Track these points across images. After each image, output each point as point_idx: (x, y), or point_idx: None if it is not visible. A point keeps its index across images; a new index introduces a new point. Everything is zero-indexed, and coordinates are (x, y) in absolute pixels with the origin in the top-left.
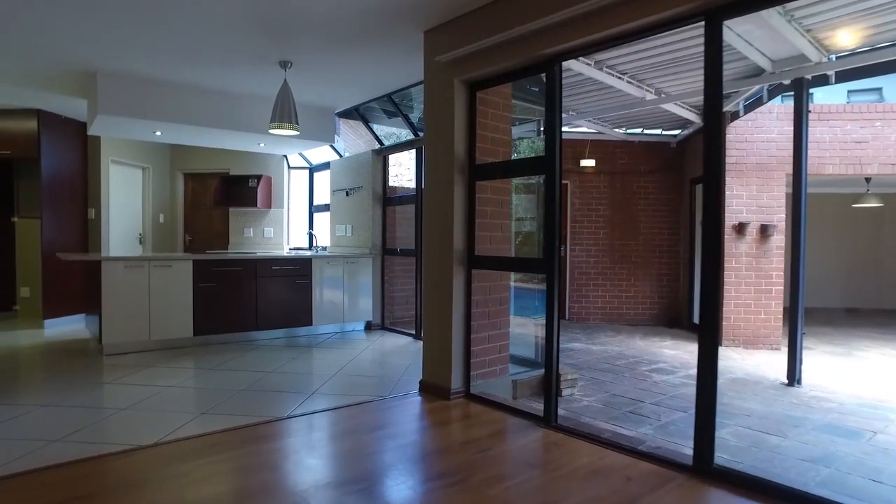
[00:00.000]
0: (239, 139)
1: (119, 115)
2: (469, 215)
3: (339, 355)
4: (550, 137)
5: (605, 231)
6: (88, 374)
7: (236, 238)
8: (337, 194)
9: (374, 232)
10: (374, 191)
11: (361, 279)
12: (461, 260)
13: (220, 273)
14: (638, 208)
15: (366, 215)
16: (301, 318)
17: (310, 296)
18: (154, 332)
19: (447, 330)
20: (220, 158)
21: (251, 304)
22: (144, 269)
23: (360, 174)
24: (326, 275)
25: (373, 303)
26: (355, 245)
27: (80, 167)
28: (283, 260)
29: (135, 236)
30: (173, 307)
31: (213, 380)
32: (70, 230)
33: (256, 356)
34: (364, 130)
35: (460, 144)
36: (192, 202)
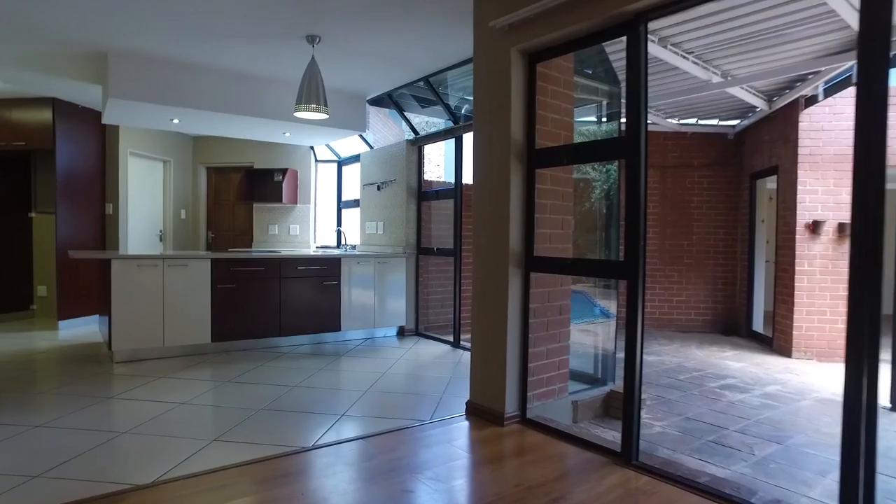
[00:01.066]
0: (262, 128)
1: (131, 99)
2: (527, 210)
3: (371, 366)
4: (634, 114)
5: (656, 230)
6: (93, 385)
7: (261, 235)
8: (367, 188)
9: (408, 229)
10: (408, 184)
11: (394, 281)
12: (518, 262)
13: (240, 273)
14: (691, 205)
15: (399, 211)
16: (328, 324)
17: (338, 299)
18: (168, 338)
19: (500, 343)
20: (244, 151)
21: (274, 308)
22: (158, 269)
23: (392, 166)
24: (356, 276)
25: (406, 307)
26: (387, 243)
27: (98, 160)
28: (309, 259)
29: (155, 233)
30: (189, 310)
31: (231, 395)
32: (86, 226)
33: (279, 366)
34: (392, 122)
35: (517, 127)
36: (214, 197)
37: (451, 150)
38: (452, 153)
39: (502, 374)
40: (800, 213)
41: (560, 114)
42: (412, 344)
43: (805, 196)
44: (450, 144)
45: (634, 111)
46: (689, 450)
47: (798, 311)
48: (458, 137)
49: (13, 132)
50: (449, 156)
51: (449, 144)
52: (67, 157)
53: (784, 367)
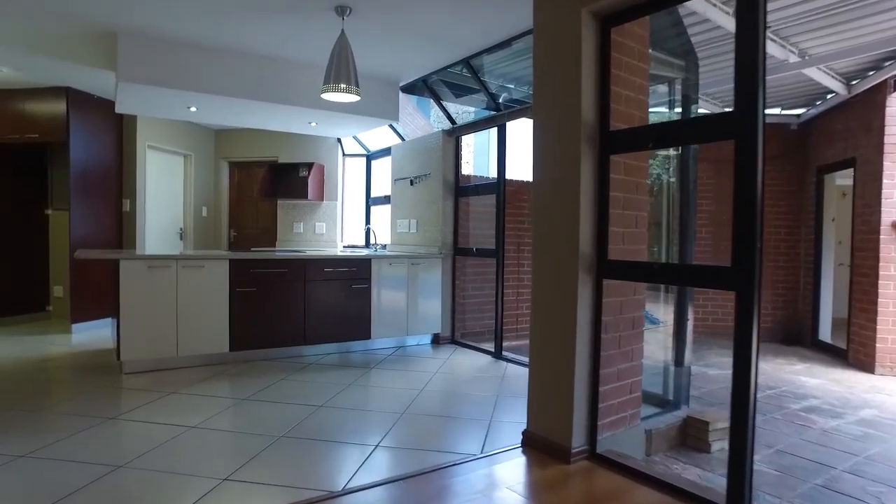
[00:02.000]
0: (286, 116)
1: (142, 82)
2: (599, 204)
3: (406, 381)
4: (749, 81)
5: (708, 229)
6: (96, 401)
7: (285, 234)
8: (399, 184)
9: (443, 228)
10: (444, 179)
11: (428, 284)
12: (588, 266)
13: (262, 276)
14: None
15: (434, 208)
16: (357, 331)
17: (368, 303)
18: (183, 347)
19: (567, 363)
20: (268, 144)
21: (298, 314)
22: (171, 271)
23: (427, 159)
24: (387, 278)
25: (442, 312)
26: (421, 243)
27: (115, 153)
28: (337, 260)
29: (175, 231)
30: (206, 316)
31: (248, 417)
32: (102, 224)
33: (303, 380)
34: (419, 114)
35: (588, 105)
36: (237, 194)
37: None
38: (484, 145)
39: (568, 400)
40: (884, 211)
41: (634, 90)
42: (449, 353)
43: (892, 191)
44: (480, 137)
45: (749, 77)
46: (797, 498)
47: (882, 321)
48: (500, 126)
49: (27, 124)
50: (480, 148)
51: (480, 137)
52: (82, 149)
53: (869, 385)
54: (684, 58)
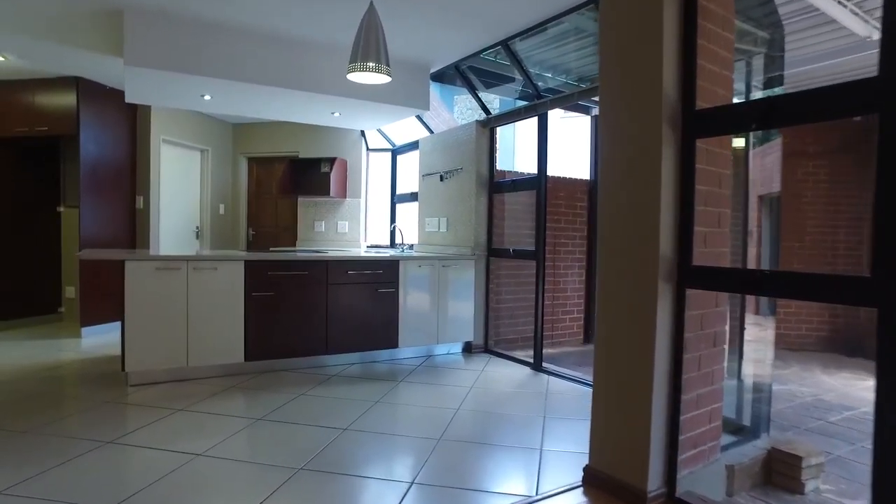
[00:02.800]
0: (307, 106)
1: (151, 66)
2: (683, 199)
3: (439, 398)
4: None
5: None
6: (94, 420)
7: (306, 233)
8: (428, 179)
9: (476, 226)
10: (478, 173)
11: (460, 287)
12: (669, 273)
13: (280, 278)
14: (803, 201)
15: (466, 205)
16: (383, 339)
17: (395, 309)
18: (194, 357)
19: (643, 387)
20: (288, 139)
21: (320, 320)
22: (181, 273)
23: (459, 153)
24: (416, 281)
25: (474, 318)
26: (451, 243)
27: (128, 147)
28: (361, 262)
29: (191, 230)
30: (219, 323)
31: (264, 440)
32: (114, 221)
33: (325, 396)
34: (443, 107)
35: (671, 79)
36: (256, 191)
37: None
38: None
39: (644, 431)
40: None
41: (718, 64)
42: (483, 364)
43: None
44: (505, 131)
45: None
46: None
47: None
48: (541, 116)
49: (36, 116)
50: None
51: (504, 131)
52: (93, 143)
53: None
54: (769, 30)
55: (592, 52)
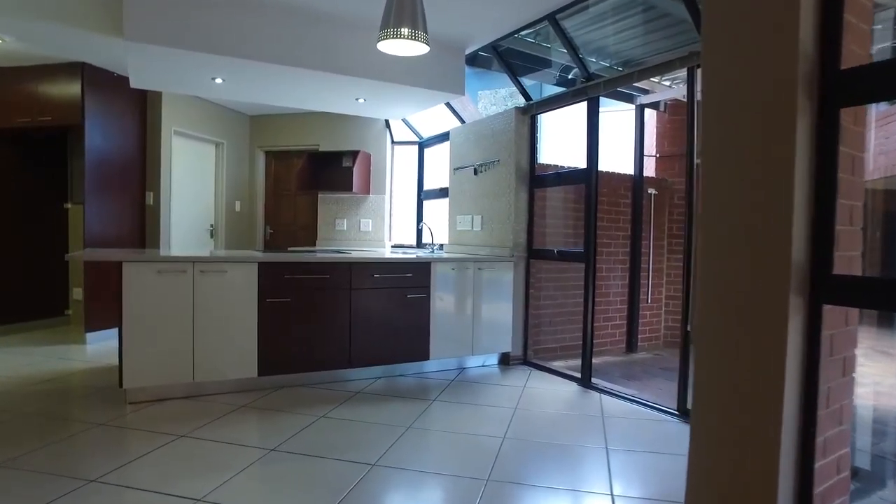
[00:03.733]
0: (329, 91)
1: (153, 42)
2: (819, 188)
3: (480, 421)
4: None
5: None
6: (79, 450)
7: (326, 232)
8: (460, 174)
9: (516, 225)
10: (517, 166)
11: (497, 292)
12: (800, 285)
13: (297, 283)
14: None
15: (503, 201)
16: (413, 351)
17: (426, 317)
18: (200, 371)
19: (765, 429)
20: (308, 131)
21: (342, 330)
22: (187, 276)
23: (495, 144)
24: (449, 286)
25: (513, 327)
26: (486, 243)
27: (137, 139)
28: (389, 264)
29: (204, 228)
30: (229, 333)
31: (278, 479)
32: (122, 219)
33: (350, 418)
34: (466, 97)
35: (808, 25)
36: (274, 186)
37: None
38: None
39: (767, 484)
40: None
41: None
42: (523, 379)
43: None
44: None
45: None
46: None
47: None
48: (591, 100)
49: (39, 106)
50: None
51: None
52: (100, 134)
53: None
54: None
55: (638, 34)
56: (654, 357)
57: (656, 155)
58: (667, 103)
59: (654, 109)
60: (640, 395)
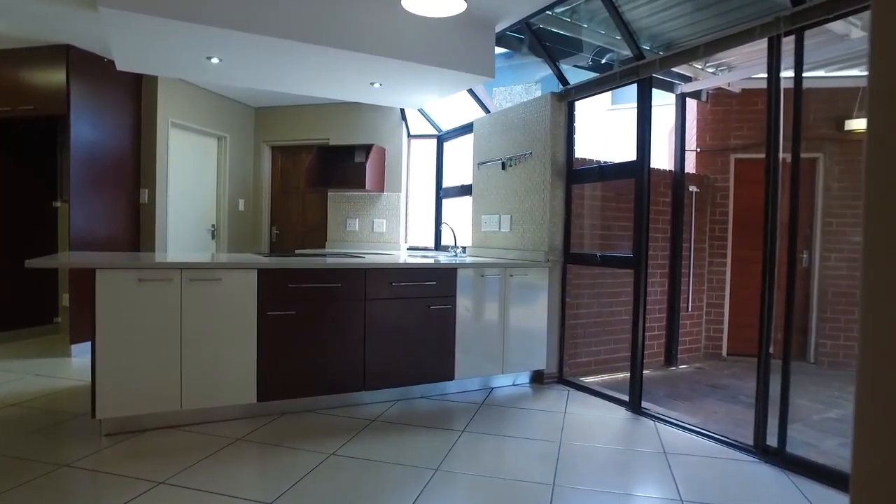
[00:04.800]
0: (340, 72)
1: (133, 8)
2: None
3: (520, 461)
4: None
5: None
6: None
7: (336, 232)
8: (485, 168)
9: (551, 226)
10: (553, 159)
11: (530, 302)
12: None
13: (304, 292)
14: None
15: (537, 199)
16: (436, 369)
17: (452, 330)
18: (189, 398)
19: None
20: (318, 124)
21: (356, 347)
22: (174, 285)
23: (527, 134)
24: (477, 295)
25: (548, 341)
26: (516, 245)
27: (130, 131)
28: (410, 270)
29: (205, 228)
30: (224, 352)
31: None
32: (113, 219)
33: (364, 458)
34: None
35: None
36: (281, 184)
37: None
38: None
39: None
40: None
41: None
42: (561, 402)
43: None
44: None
45: None
46: None
47: None
48: (643, 82)
49: (20, 93)
50: None
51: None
52: (88, 125)
53: None
54: None
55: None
56: (697, 371)
57: (696, 149)
58: (709, 93)
59: (695, 99)
60: (705, 426)
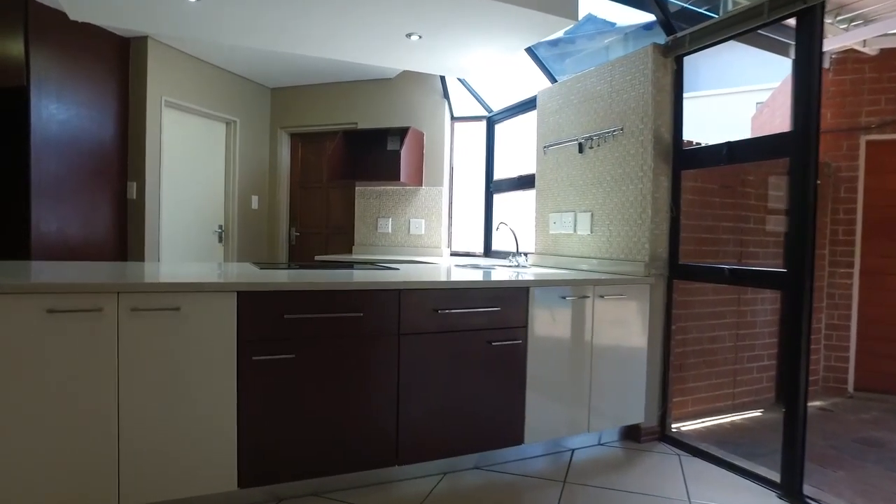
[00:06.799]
0: (367, 20)
1: None
2: None
3: None
4: None
5: None
6: None
7: (365, 235)
8: (555, 153)
9: (653, 227)
10: (655, 136)
11: (625, 331)
12: None
13: (307, 326)
14: None
15: (631, 191)
16: (498, 431)
17: (521, 375)
18: (131, 493)
19: None
20: (344, 105)
21: (385, 404)
22: (106, 318)
23: (614, 105)
24: (551, 323)
25: (647, 385)
26: (601, 253)
27: (115, 112)
28: (463, 291)
29: (211, 230)
30: (185, 418)
31: None
32: (91, 219)
33: None
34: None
35: None
36: (301, 177)
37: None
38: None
39: None
40: None
41: None
42: (675, 475)
43: None
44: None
45: None
46: None
47: None
48: (805, 14)
49: None
50: None
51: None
52: (54, 101)
53: None
54: None
55: None
56: (824, 415)
57: None
58: (833, 57)
59: None
60: None
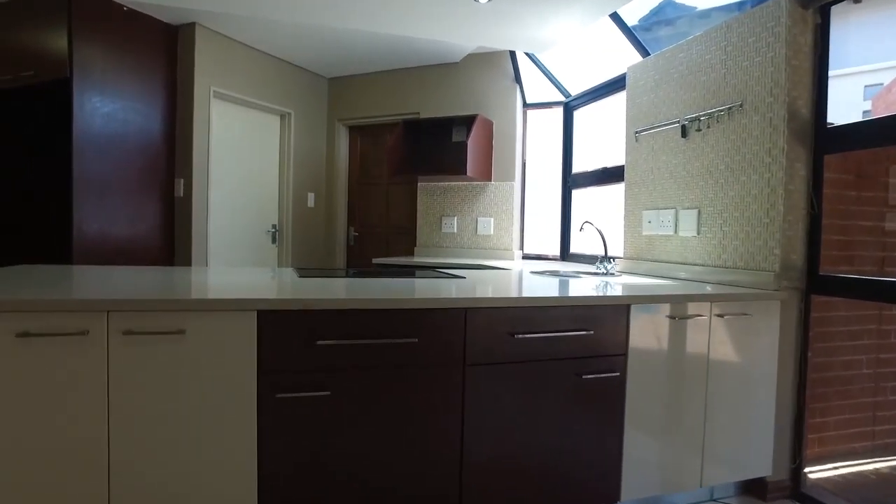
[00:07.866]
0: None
1: None
2: None
3: None
4: None
5: None
6: None
7: (429, 236)
8: (648, 139)
9: (783, 229)
10: (790, 112)
11: (749, 360)
12: None
13: (345, 354)
14: None
15: (755, 182)
16: (591, 486)
17: (619, 416)
18: None
19: None
20: (405, 94)
21: (445, 452)
22: (93, 344)
23: (730, 76)
24: (658, 350)
25: (775, 427)
26: (710, 260)
27: (163, 105)
28: (545, 311)
29: (264, 230)
30: (192, 470)
31: None
32: (137, 218)
33: None
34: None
35: None
36: (360, 173)
37: None
38: None
39: None
40: None
41: None
42: None
43: None
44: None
45: None
46: None
47: None
48: None
49: (21, 57)
50: None
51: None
52: (98, 94)
53: None
54: None
55: None
56: None
57: None
58: None
59: None
60: None
